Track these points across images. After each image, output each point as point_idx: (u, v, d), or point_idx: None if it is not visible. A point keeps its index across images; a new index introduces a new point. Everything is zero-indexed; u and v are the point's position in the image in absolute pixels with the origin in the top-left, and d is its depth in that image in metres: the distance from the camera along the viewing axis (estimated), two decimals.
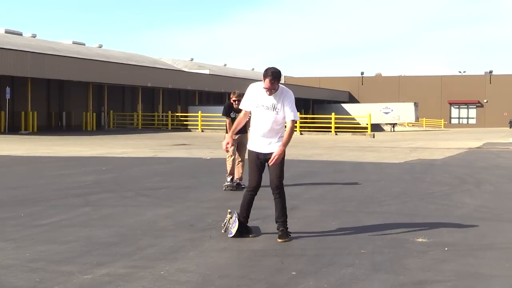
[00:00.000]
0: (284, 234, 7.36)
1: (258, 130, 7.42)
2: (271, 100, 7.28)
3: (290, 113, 7.32)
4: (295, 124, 7.83)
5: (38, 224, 8.23)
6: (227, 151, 7.24)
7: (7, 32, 55.83)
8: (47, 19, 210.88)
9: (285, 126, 7.48)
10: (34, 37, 59.85)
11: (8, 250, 6.74)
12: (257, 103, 7.33)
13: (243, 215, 7.55)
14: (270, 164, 7.37)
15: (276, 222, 7.57)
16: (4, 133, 38.31)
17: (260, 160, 7.47)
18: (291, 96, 7.46)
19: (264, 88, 7.21)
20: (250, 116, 12.72)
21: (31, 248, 6.81)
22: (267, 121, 7.32)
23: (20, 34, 58.22)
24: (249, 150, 7.53)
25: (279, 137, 7.39)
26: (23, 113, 41.92)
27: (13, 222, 8.36)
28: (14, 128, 40.62)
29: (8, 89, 40.49)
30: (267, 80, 7.17)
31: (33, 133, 39.44)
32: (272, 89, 7.22)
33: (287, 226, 7.47)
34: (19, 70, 39.56)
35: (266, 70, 7.27)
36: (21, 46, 47.32)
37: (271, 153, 7.30)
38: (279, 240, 7.28)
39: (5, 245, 6.95)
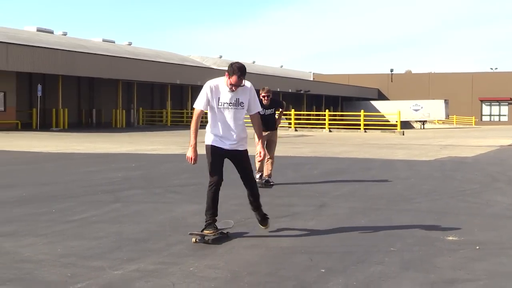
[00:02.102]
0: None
1: (223, 127, 7.15)
2: (234, 96, 7.07)
3: (258, 105, 7.37)
4: None
5: (69, 220, 8.32)
6: (192, 162, 7.21)
7: (38, 30, 56.42)
8: (78, 17, 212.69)
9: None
10: (65, 35, 60.41)
11: (40, 245, 6.82)
12: (218, 102, 7.07)
13: (214, 213, 7.27)
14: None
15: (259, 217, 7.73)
16: (35, 130, 38.84)
17: (223, 157, 7.30)
18: (253, 88, 7.29)
19: (230, 85, 6.99)
20: (279, 114, 12.80)
21: (62, 244, 6.88)
22: (233, 117, 7.14)
23: (52, 32, 58.80)
24: (212, 146, 7.20)
25: (242, 130, 7.28)
26: (54, 110, 42.45)
27: (45, 218, 8.46)
28: (45, 125, 41.17)
29: (39, 87, 41.02)
30: (234, 77, 6.95)
31: (64, 130, 39.89)
32: (239, 86, 7.03)
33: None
34: (50, 68, 40.08)
35: (232, 67, 7.05)
36: (52, 44, 47.84)
37: (237, 150, 7.33)
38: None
39: (37, 240, 7.04)
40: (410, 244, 7.10)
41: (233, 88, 6.99)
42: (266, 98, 12.19)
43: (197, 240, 6.93)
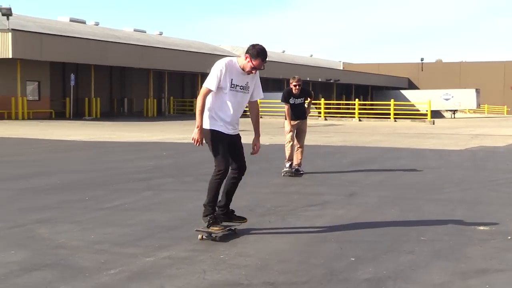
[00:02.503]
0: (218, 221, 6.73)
1: (231, 111, 6.64)
2: (245, 79, 6.64)
3: (261, 92, 6.90)
4: None
5: (102, 207, 8.43)
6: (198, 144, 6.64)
7: (71, 20, 56.82)
8: (110, 7, 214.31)
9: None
10: (97, 25, 60.78)
11: (74, 232, 6.92)
12: (231, 83, 6.56)
13: (215, 207, 6.78)
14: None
15: (224, 207, 6.90)
16: (69, 118, 39.25)
17: (227, 142, 6.74)
18: (258, 74, 6.83)
19: (252, 68, 6.51)
20: (308, 103, 12.77)
21: (95, 231, 6.98)
22: (241, 102, 6.72)
23: (84, 23, 59.18)
24: (218, 132, 6.63)
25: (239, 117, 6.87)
26: (86, 99, 42.89)
27: (79, 205, 8.58)
28: (78, 114, 41.57)
29: (72, 76, 41.36)
30: (258, 60, 6.51)
31: (96, 119, 40.27)
32: (259, 69, 6.62)
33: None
34: (83, 58, 40.46)
35: (256, 49, 6.57)
36: (85, 34, 48.12)
37: (236, 135, 6.84)
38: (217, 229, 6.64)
39: (72, 227, 7.14)
40: (440, 233, 7.06)
41: (253, 71, 6.58)
42: (297, 87, 12.15)
43: (203, 237, 6.55)
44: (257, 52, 6.50)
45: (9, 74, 38.24)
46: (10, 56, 35.88)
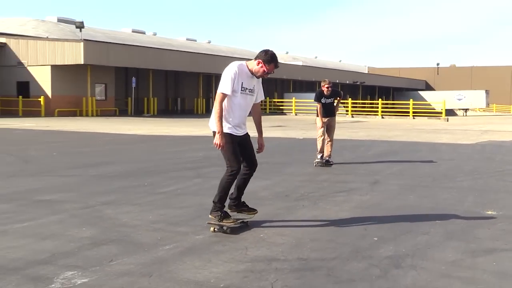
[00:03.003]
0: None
1: (240, 114, 6.13)
2: (252, 83, 6.15)
3: (262, 94, 6.42)
4: None
5: (158, 192, 8.51)
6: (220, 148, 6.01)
7: (133, 31, 57.61)
8: (166, 20, 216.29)
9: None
10: (155, 35, 61.44)
11: (135, 213, 7.01)
12: (241, 87, 6.04)
13: (236, 196, 6.43)
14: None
15: (236, 199, 6.45)
16: (130, 115, 39.73)
17: (238, 143, 6.22)
18: None
19: (264, 72, 6.04)
20: (337, 102, 12.68)
21: (153, 212, 7.05)
22: (249, 104, 6.22)
23: (144, 33, 59.89)
24: (231, 135, 6.08)
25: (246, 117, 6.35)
26: (145, 99, 43.36)
27: (139, 190, 8.68)
28: (138, 111, 42.05)
29: (134, 79, 41.88)
30: (272, 65, 6.05)
31: (153, 116, 40.67)
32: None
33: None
34: (143, 63, 40.85)
35: (269, 54, 6.07)
36: (144, 43, 48.79)
37: (245, 134, 6.26)
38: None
39: (133, 209, 7.24)
40: (452, 217, 6.96)
41: (265, 76, 6.09)
42: (328, 88, 12.14)
43: (215, 229, 6.07)
44: (271, 58, 6.05)
45: (81, 77, 38.86)
46: (82, 62, 36.43)
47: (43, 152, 14.37)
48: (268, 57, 6.03)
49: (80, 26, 41.47)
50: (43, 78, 37.95)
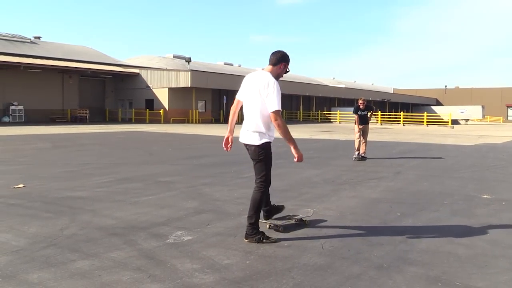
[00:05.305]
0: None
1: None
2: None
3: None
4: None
5: (241, 177, 8.56)
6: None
7: (225, 64, 58.34)
8: (250, 54, 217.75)
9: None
10: (240, 66, 62.02)
11: (225, 191, 7.09)
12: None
13: (265, 204, 4.86)
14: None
15: (265, 206, 4.82)
16: (222, 123, 40.27)
17: None
18: None
19: (284, 73, 4.46)
20: (370, 114, 12.35)
21: (238, 191, 7.11)
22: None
23: (232, 65, 60.60)
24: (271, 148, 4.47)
25: None
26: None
27: (227, 175, 8.76)
28: (227, 120, 42.54)
29: (224, 97, 42.49)
30: (287, 65, 4.45)
31: (239, 123, 41.00)
32: None
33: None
34: (232, 86, 41.26)
35: (285, 54, 4.38)
36: (232, 71, 49.39)
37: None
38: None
39: (223, 188, 7.32)
40: (457, 199, 6.66)
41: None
42: (363, 104, 12.00)
43: (271, 225, 4.82)
44: (288, 56, 4.45)
45: (188, 96, 39.83)
46: (189, 86, 37.32)
47: (162, 148, 14.81)
48: (287, 57, 4.42)
49: (188, 60, 42.51)
50: (163, 97, 39.20)
